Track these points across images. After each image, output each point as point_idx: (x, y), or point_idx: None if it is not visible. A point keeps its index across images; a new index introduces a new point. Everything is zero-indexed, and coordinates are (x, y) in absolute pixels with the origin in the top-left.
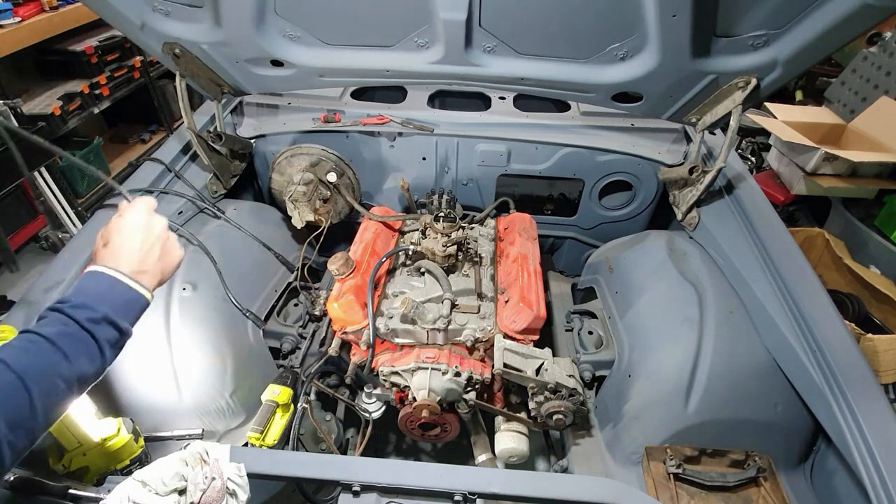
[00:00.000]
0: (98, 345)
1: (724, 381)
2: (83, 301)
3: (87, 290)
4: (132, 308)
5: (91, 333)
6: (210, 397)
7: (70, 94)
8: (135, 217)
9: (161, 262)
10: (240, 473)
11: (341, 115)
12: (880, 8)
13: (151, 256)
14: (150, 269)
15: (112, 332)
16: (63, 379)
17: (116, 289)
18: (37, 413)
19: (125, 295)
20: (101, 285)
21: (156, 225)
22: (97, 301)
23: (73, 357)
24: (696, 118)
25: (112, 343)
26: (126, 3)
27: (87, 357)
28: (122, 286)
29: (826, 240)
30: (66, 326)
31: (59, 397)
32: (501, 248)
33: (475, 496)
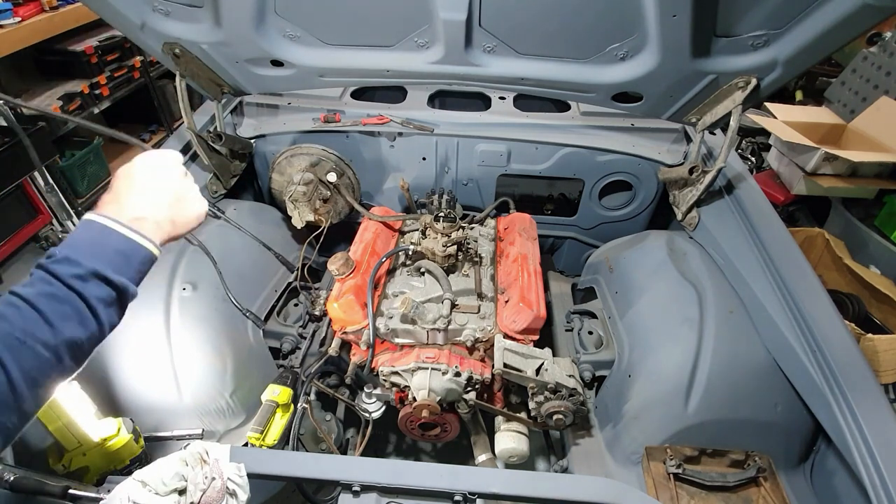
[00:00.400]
0: (88, 305)
1: (724, 381)
2: (67, 254)
3: (75, 242)
4: (130, 261)
5: (77, 292)
6: (210, 397)
7: (70, 93)
8: (148, 160)
9: (172, 211)
10: (240, 473)
11: (341, 115)
12: (880, 8)
13: (159, 203)
14: (155, 216)
15: (104, 289)
16: (46, 346)
17: (109, 238)
18: (18, 387)
19: (120, 245)
20: (92, 235)
21: (173, 172)
22: (85, 254)
23: (55, 321)
24: (696, 118)
25: (107, 302)
26: (126, 3)
27: (75, 320)
28: (116, 235)
29: (826, 240)
30: (48, 286)
31: (45, 367)
32: (501, 248)
33: (475, 496)
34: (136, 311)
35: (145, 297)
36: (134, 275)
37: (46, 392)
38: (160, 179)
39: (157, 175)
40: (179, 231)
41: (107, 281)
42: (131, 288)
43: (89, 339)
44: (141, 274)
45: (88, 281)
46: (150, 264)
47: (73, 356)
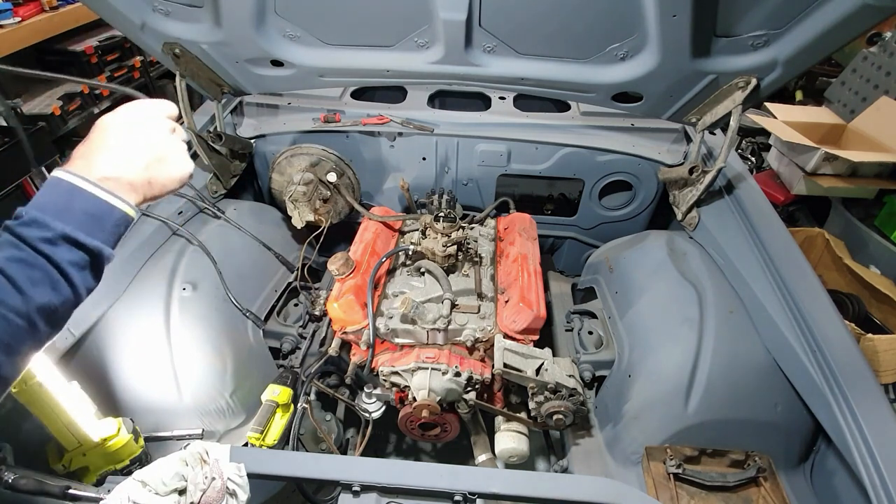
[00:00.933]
0: (59, 268)
1: (724, 381)
2: (35, 216)
3: (42, 203)
4: (102, 223)
5: (47, 256)
6: (210, 397)
7: (70, 94)
8: (132, 111)
9: (150, 171)
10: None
11: (341, 115)
12: (880, 8)
13: (135, 162)
14: (128, 176)
15: (76, 252)
16: (17, 313)
17: (77, 198)
18: None
19: (89, 206)
20: (60, 195)
21: (157, 127)
22: (53, 215)
23: (26, 287)
24: (696, 118)
25: (80, 266)
26: (126, 3)
27: (46, 285)
28: (85, 195)
29: (826, 240)
30: (17, 250)
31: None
32: (501, 248)
33: (475, 496)
34: (136, 311)
35: (145, 297)
36: (108, 237)
37: (24, 357)
38: (141, 135)
39: (137, 130)
40: (158, 192)
41: (77, 244)
42: (106, 250)
43: (63, 304)
44: (116, 236)
45: (58, 245)
46: (125, 226)
47: (48, 321)
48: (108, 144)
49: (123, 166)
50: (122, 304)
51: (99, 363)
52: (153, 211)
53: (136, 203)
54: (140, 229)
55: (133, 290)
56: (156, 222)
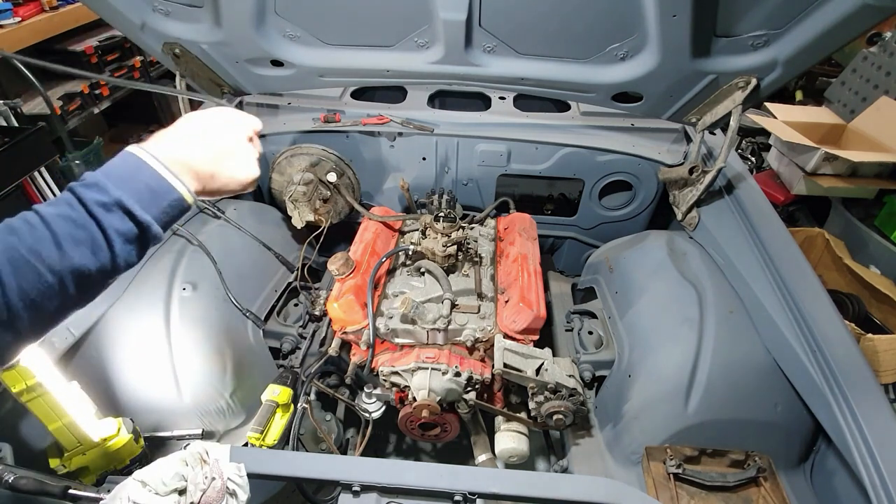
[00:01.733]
0: (105, 234)
1: (724, 381)
2: (98, 180)
3: (108, 170)
4: (158, 200)
5: (96, 219)
6: (210, 397)
7: (70, 94)
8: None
9: (217, 165)
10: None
11: (341, 115)
12: (880, 8)
13: (205, 153)
14: (197, 165)
15: (126, 222)
16: (50, 269)
17: (142, 172)
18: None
19: (152, 182)
20: (126, 166)
21: (237, 130)
22: (115, 183)
23: (66, 244)
24: (696, 118)
25: (125, 236)
26: (126, 3)
27: (87, 247)
28: (150, 170)
29: (826, 240)
30: (69, 208)
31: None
32: (501, 248)
33: (475, 496)
34: (136, 310)
35: (145, 297)
36: (160, 214)
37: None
38: (218, 132)
39: (217, 127)
40: (217, 187)
41: (130, 214)
42: (154, 227)
43: (99, 270)
44: (168, 217)
45: (112, 210)
46: (179, 210)
47: (79, 285)
48: (184, 132)
49: (192, 152)
50: (121, 303)
51: (99, 363)
52: None
53: (196, 191)
54: None
55: (133, 289)
56: None
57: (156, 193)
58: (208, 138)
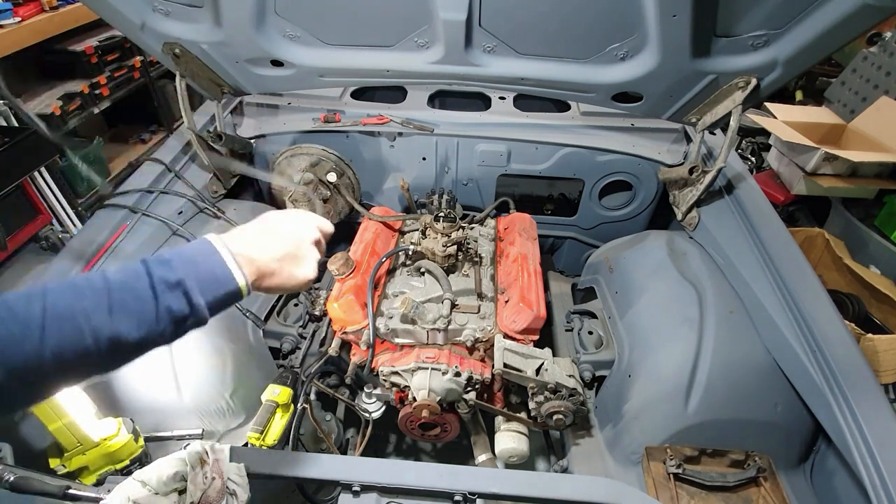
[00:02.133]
0: (157, 310)
1: (724, 381)
2: (170, 259)
3: (183, 251)
4: (216, 287)
5: (156, 296)
6: (210, 397)
7: (70, 94)
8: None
9: (280, 265)
10: (240, 473)
11: (341, 115)
12: (880, 8)
13: (272, 249)
14: (262, 263)
15: (181, 302)
16: (93, 332)
17: (210, 259)
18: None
19: (215, 268)
20: (199, 251)
21: (307, 231)
22: (183, 263)
23: (116, 312)
24: (696, 118)
25: (175, 317)
26: (126, 3)
27: (135, 318)
28: (217, 258)
29: (826, 240)
30: (134, 279)
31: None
32: (501, 248)
33: (475, 496)
34: None
35: None
36: (213, 302)
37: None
38: (289, 235)
39: (290, 230)
40: (275, 284)
41: (187, 296)
42: (204, 312)
43: (137, 343)
44: (220, 305)
45: (173, 290)
46: (232, 300)
47: (112, 351)
48: (260, 231)
49: (263, 254)
50: None
51: None
52: (153, 211)
53: (251, 282)
54: (140, 229)
55: None
56: (156, 222)
57: (217, 281)
58: (279, 240)
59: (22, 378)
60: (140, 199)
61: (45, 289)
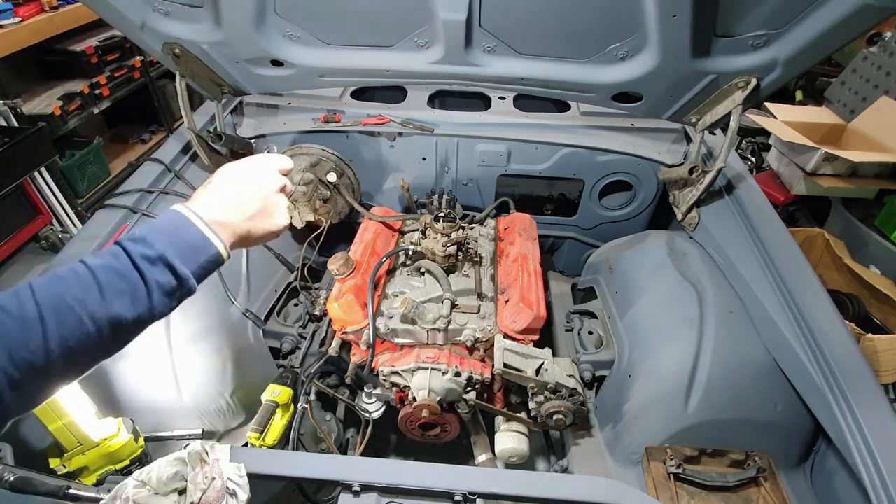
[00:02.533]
0: (146, 286)
1: (724, 381)
2: (144, 235)
3: (155, 226)
4: (197, 255)
5: (140, 272)
6: (210, 397)
7: (70, 94)
8: (250, 164)
9: (252, 222)
10: (240, 473)
11: (341, 115)
12: (880, 8)
13: (242, 209)
14: (232, 221)
15: (167, 276)
16: (91, 318)
17: (184, 229)
18: (50, 350)
19: (192, 238)
20: (171, 223)
21: (269, 181)
22: (160, 238)
23: (108, 294)
24: (696, 118)
25: (165, 290)
26: (126, 3)
27: (128, 298)
28: (192, 228)
29: (826, 240)
30: (115, 259)
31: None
32: (501, 248)
33: (475, 496)
34: None
35: None
36: (198, 269)
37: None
38: (255, 188)
39: (251, 184)
40: (251, 240)
41: (171, 268)
42: (191, 281)
43: (135, 321)
44: (205, 271)
45: (155, 264)
46: (215, 265)
47: (114, 333)
48: (226, 193)
49: (234, 216)
50: None
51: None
52: (153, 211)
53: (229, 245)
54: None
55: None
56: None
57: (196, 250)
58: (246, 199)
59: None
60: (140, 199)
61: (30, 285)
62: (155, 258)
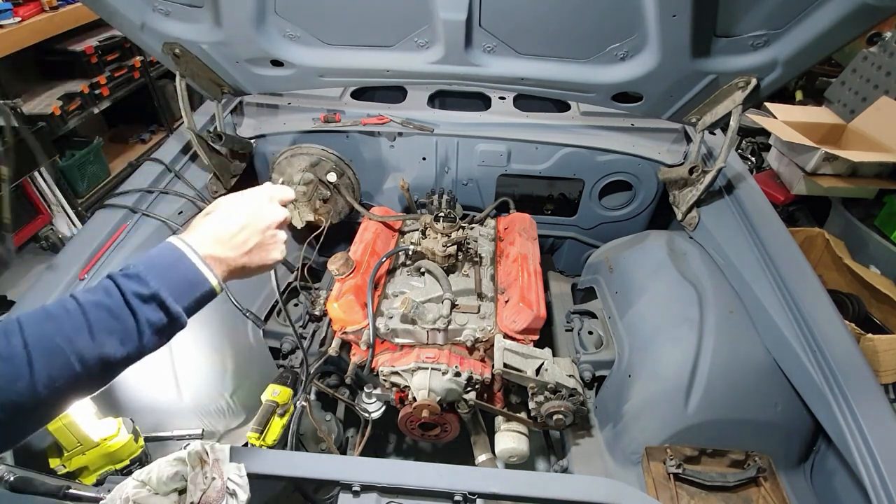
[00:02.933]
0: (137, 325)
1: (724, 381)
2: (139, 271)
3: (150, 260)
4: (191, 291)
5: (132, 310)
6: (210, 397)
7: (70, 94)
8: (250, 197)
9: (249, 255)
10: (240, 473)
11: (341, 115)
12: (880, 8)
13: (240, 244)
14: (229, 256)
15: (159, 314)
16: (79, 358)
17: (180, 264)
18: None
19: (187, 274)
20: (166, 258)
21: (267, 214)
22: (154, 275)
23: (98, 334)
24: (696, 118)
25: (156, 328)
26: (126, 3)
27: (118, 337)
28: (188, 263)
29: (826, 240)
30: (107, 296)
31: (72, 378)
32: (501, 248)
33: (475, 496)
34: None
35: None
36: (189, 305)
37: (66, 402)
38: (255, 222)
39: (250, 218)
40: (246, 273)
41: (164, 307)
42: (183, 318)
43: (124, 359)
44: (197, 305)
45: (148, 303)
46: (208, 299)
47: (102, 372)
48: (224, 226)
49: (230, 252)
50: None
51: None
52: (153, 211)
53: (224, 279)
54: (140, 229)
55: None
56: (156, 222)
57: (191, 285)
58: (243, 233)
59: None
60: (140, 199)
61: (19, 321)
62: (148, 296)
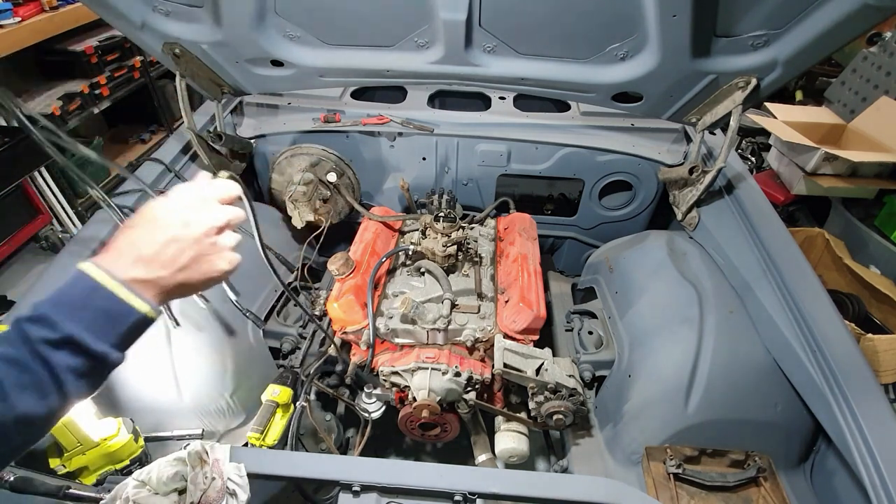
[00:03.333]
0: (53, 376)
1: (724, 381)
2: (45, 313)
3: (59, 297)
4: (115, 325)
5: (44, 360)
6: (210, 397)
7: (70, 94)
8: (179, 201)
9: (186, 272)
10: (240, 473)
11: (341, 115)
12: (880, 8)
13: (169, 261)
14: (160, 275)
15: (76, 359)
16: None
17: (96, 296)
18: None
19: (106, 306)
20: (77, 290)
21: (202, 220)
22: (65, 313)
23: (11, 392)
24: (696, 118)
25: (78, 372)
26: (126, 3)
27: (33, 392)
28: (105, 293)
29: (826, 240)
30: (14, 349)
31: None
32: (501, 248)
33: (475, 496)
34: None
35: None
36: (119, 340)
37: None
38: (185, 234)
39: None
40: (189, 290)
41: (81, 349)
42: (112, 355)
43: (46, 415)
44: (131, 338)
45: (60, 349)
46: (144, 327)
47: (23, 432)
48: (147, 242)
49: (158, 271)
50: None
51: None
52: None
53: (159, 301)
54: None
55: None
56: None
57: (113, 319)
58: (176, 246)
59: None
60: (140, 199)
61: None
62: (59, 341)
